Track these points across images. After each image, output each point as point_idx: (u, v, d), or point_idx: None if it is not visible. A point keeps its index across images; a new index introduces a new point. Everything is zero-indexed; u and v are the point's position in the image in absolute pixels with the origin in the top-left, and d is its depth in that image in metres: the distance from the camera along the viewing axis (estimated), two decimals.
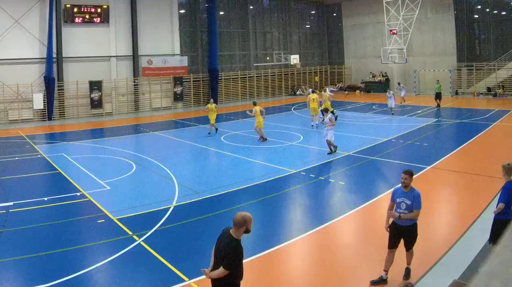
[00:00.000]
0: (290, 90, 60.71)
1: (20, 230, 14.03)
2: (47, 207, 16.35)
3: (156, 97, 48.91)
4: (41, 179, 21.08)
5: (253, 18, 57.80)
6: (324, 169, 21.15)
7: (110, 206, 16.16)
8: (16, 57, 40.38)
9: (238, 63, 56.81)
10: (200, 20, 52.70)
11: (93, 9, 44.25)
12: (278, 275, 11.09)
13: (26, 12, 40.85)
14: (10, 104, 40.58)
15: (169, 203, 16.49)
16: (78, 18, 43.61)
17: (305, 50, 64.08)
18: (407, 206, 10.06)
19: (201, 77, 52.12)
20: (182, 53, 50.84)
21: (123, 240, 13.05)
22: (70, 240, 13.20)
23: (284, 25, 61.61)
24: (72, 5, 43.00)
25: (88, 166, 22.48)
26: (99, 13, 44.61)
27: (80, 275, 10.96)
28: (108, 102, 45.35)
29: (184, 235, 13.67)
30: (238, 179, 19.62)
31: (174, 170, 21.41)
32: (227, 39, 55.90)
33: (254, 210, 15.35)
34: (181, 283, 10.50)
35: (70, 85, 43.49)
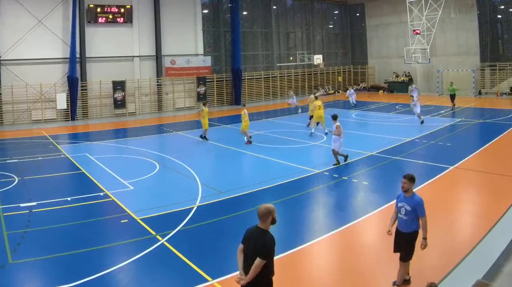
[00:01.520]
0: (314, 90, 57.47)
1: (43, 230, 13.72)
2: (70, 207, 15.98)
3: (179, 97, 47.27)
4: (64, 179, 20.38)
5: (276, 18, 55.82)
6: (347, 169, 20.37)
7: (133, 206, 15.76)
8: (40, 57, 39.02)
9: (261, 63, 54.90)
10: (223, 20, 50.92)
11: (116, 9, 42.73)
12: (301, 275, 10.86)
13: (49, 12, 39.41)
14: (34, 104, 39.21)
15: (193, 203, 16.06)
16: (101, 18, 42.14)
17: (328, 50, 61.92)
18: (406, 211, 9.66)
19: (225, 77, 50.42)
20: (205, 53, 49.21)
21: (146, 240, 12.77)
22: (93, 240, 12.92)
23: (308, 25, 59.56)
24: (95, 5, 41.56)
25: (111, 166, 21.89)
26: (122, 13, 43.07)
27: (103, 275, 10.73)
28: (131, 102, 43.83)
29: (208, 235, 13.33)
30: (261, 179, 18.96)
31: (197, 169, 20.77)
32: (251, 39, 54.03)
33: (277, 210, 14.22)
34: (205, 283, 10.27)
35: (93, 85, 41.99)
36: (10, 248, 12.33)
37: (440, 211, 14.59)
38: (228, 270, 10.63)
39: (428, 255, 10.96)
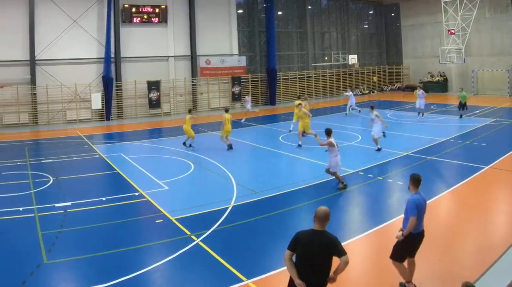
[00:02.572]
0: (348, 90, 55.75)
1: (78, 230, 13.37)
2: (105, 207, 15.57)
3: (214, 97, 45.35)
4: (99, 179, 19.97)
5: (311, 18, 53.16)
6: (382, 169, 19.72)
7: (168, 206, 15.28)
8: (74, 57, 37.50)
9: (296, 63, 52.51)
10: (258, 20, 48.69)
11: (151, 9, 40.98)
12: None
13: (84, 12, 37.85)
14: (68, 104, 37.71)
15: (228, 202, 15.56)
16: (136, 18, 40.45)
17: (363, 50, 59.11)
18: (404, 210, 9.29)
19: (259, 77, 48.19)
20: (240, 53, 47.07)
21: (181, 240, 12.38)
22: (128, 240, 12.55)
23: (342, 25, 56.84)
24: (130, 5, 39.86)
25: (146, 166, 21.23)
26: (157, 13, 41.31)
27: (138, 275, 10.41)
28: (166, 102, 42.02)
29: (243, 235, 12.89)
30: (296, 178, 18.37)
31: (232, 169, 20.10)
32: (285, 39, 51.68)
33: (312, 210, 13.43)
34: (240, 283, 9.87)
35: (128, 85, 40.33)
36: (45, 248, 11.97)
37: (475, 211, 14.38)
38: (263, 270, 10.36)
39: (464, 255, 11.13)
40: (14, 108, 35.83)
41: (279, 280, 9.55)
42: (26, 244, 12.38)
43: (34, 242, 12.45)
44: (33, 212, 15.00)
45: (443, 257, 10.71)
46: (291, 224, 13.32)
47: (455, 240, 12.05)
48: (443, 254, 10.92)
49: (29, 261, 11.21)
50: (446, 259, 10.73)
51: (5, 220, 14.40)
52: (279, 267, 10.15)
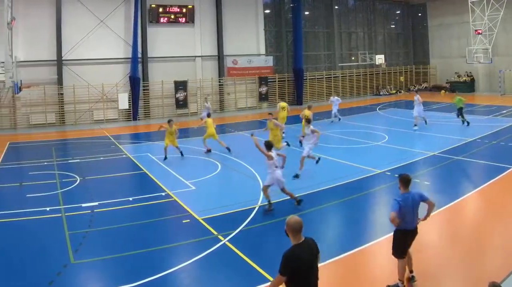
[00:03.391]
0: (375, 90, 53.55)
1: (105, 230, 12.99)
2: (132, 207, 15.06)
3: (241, 97, 43.27)
4: (126, 179, 19.26)
5: (338, 18, 50.68)
6: (409, 169, 18.26)
7: (195, 206, 14.75)
8: (101, 57, 35.89)
9: (323, 63, 50.06)
10: (285, 20, 46.45)
11: (178, 9, 39.17)
12: (362, 275, 10.22)
13: (111, 12, 36.19)
14: (95, 104, 36.09)
15: (254, 203, 14.96)
16: (163, 18, 38.66)
17: (390, 50, 56.30)
18: None
19: (286, 77, 45.89)
20: (267, 53, 44.81)
21: (208, 240, 11.97)
22: (155, 240, 12.12)
23: (369, 25, 54.10)
24: (157, 5, 38.10)
25: (173, 166, 20.53)
26: (184, 13, 39.46)
27: (165, 275, 10.10)
28: (193, 102, 40.07)
29: (269, 235, 12.48)
30: (323, 179, 17.57)
31: (259, 169, 18.72)
32: (312, 39, 49.24)
33: (339, 210, 14.60)
34: (266, 283, 9.34)
35: (155, 85, 38.55)
36: (72, 248, 11.60)
37: (502, 211, 13.86)
38: None
39: (490, 255, 10.81)
40: (41, 108, 34.36)
41: None
42: (53, 244, 11.97)
43: (61, 242, 12.05)
44: (60, 212, 14.46)
45: (469, 257, 10.58)
46: (317, 224, 12.97)
47: (482, 240, 11.60)
48: (469, 254, 10.74)
49: (56, 261, 10.83)
50: (473, 259, 10.49)
51: (33, 220, 13.93)
52: None
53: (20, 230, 13.25)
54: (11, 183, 18.36)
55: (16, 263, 10.92)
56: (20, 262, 10.99)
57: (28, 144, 28.27)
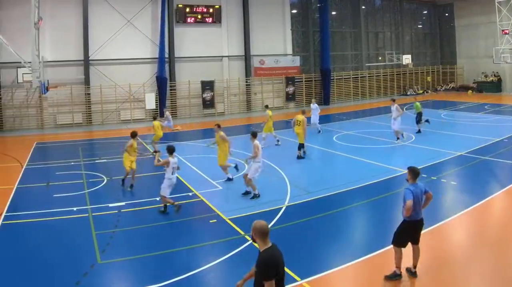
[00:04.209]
0: (402, 90, 50.75)
1: (132, 230, 12.52)
2: (159, 207, 14.16)
3: (268, 97, 40.84)
4: (152, 179, 17.79)
5: (365, 18, 47.93)
6: (436, 169, 17.95)
7: (222, 206, 14.21)
8: (128, 57, 34.09)
9: (350, 63, 47.39)
10: (312, 20, 43.86)
11: (205, 9, 37.12)
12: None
13: (138, 12, 34.31)
14: (122, 104, 34.27)
15: (281, 202, 14.37)
16: (190, 18, 36.66)
17: (417, 50, 53.26)
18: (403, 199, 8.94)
19: (313, 77, 43.37)
20: (294, 53, 42.38)
21: (235, 240, 11.41)
22: (182, 240, 11.61)
23: (396, 25, 51.17)
24: (184, 5, 36.11)
25: (200, 166, 19.49)
26: (211, 13, 37.40)
27: (192, 275, 9.58)
28: (220, 102, 38.04)
29: (296, 235, 11.81)
30: (350, 179, 16.77)
31: (286, 169, 18.41)
32: (339, 39, 46.59)
33: (366, 210, 13.90)
34: (293, 283, 8.94)
35: (182, 85, 36.55)
36: (99, 248, 11.14)
37: None
38: (317, 270, 9.58)
39: None
40: (68, 108, 32.68)
41: (333, 280, 9.32)
42: (81, 244, 11.51)
43: (88, 242, 11.57)
44: (87, 212, 13.85)
45: (496, 256, 10.19)
46: (344, 225, 12.53)
47: (509, 240, 11.10)
48: (496, 254, 10.31)
49: (83, 261, 10.40)
50: (499, 259, 10.11)
51: (60, 220, 13.35)
52: (333, 267, 9.74)
53: (47, 230, 12.65)
54: (38, 183, 17.45)
55: (43, 263, 10.42)
56: (47, 262, 10.51)
57: (55, 144, 27.15)
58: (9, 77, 30.43)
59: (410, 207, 8.56)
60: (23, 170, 19.91)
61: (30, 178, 18.42)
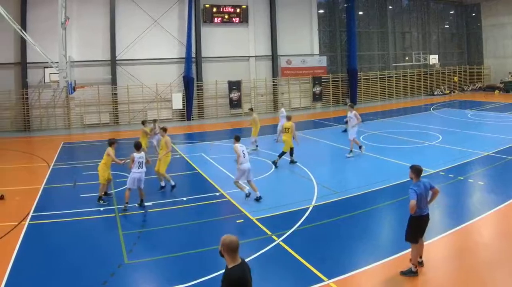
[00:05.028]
0: (429, 90, 47.69)
1: (159, 230, 11.78)
2: (186, 207, 13.65)
3: (295, 97, 38.39)
4: (180, 179, 16.54)
5: (392, 18, 44.91)
6: (463, 169, 17.07)
7: (249, 206, 13.35)
8: (155, 57, 32.04)
9: (377, 63, 44.38)
10: (339, 20, 41.07)
11: (232, 9, 34.83)
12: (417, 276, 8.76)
13: (165, 12, 32.18)
14: (149, 104, 32.15)
15: (308, 202, 13.49)
16: (217, 18, 34.40)
17: (443, 50, 49.82)
18: None
19: (340, 77, 40.60)
20: (321, 53, 39.63)
21: (262, 240, 10.71)
22: (209, 240, 10.62)
23: (423, 25, 47.89)
24: (211, 5, 33.85)
25: (227, 166, 18.23)
26: (238, 13, 35.08)
27: (219, 275, 8.00)
28: (247, 102, 35.37)
29: (323, 235, 11.06)
30: (377, 179, 15.78)
31: (313, 169, 17.36)
32: (366, 39, 43.60)
33: (392, 210, 12.91)
34: (320, 283, 8.52)
35: (209, 85, 34.27)
36: (126, 248, 10.52)
37: None
38: (344, 270, 8.98)
39: None
40: (95, 108, 30.75)
41: (359, 280, 8.79)
42: (107, 244, 10.94)
43: (115, 242, 10.96)
44: (114, 212, 13.15)
45: None
46: (371, 225, 11.81)
47: None
48: None
49: (110, 261, 9.83)
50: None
51: (87, 220, 12.72)
52: (360, 267, 9.14)
53: (74, 230, 11.96)
54: (65, 183, 16.45)
55: (71, 263, 9.86)
56: (74, 262, 9.93)
57: (82, 144, 25.71)
58: (36, 77, 28.72)
59: (414, 207, 8.49)
60: (50, 170, 18.78)
61: (57, 178, 17.39)
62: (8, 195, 14.84)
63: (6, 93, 29.39)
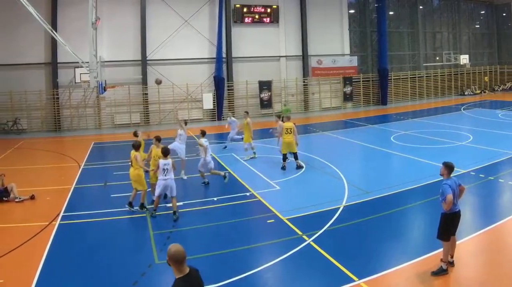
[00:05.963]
0: (459, 90, 43.91)
1: (189, 230, 10.74)
2: (216, 207, 12.44)
3: (325, 97, 35.25)
4: (210, 179, 15.26)
5: (423, 18, 41.17)
6: (494, 169, 15.50)
7: (279, 206, 12.14)
8: (185, 57, 29.49)
9: (408, 63, 40.73)
10: (369, 20, 37.76)
11: (262, 9, 31.97)
12: (447, 275, 8.06)
13: (196, 12, 29.58)
14: (180, 104, 29.62)
15: (339, 202, 12.26)
16: (248, 18, 31.67)
17: (474, 50, 45.79)
18: (440, 193, 8.15)
19: (371, 77, 37.29)
20: (351, 53, 36.40)
21: (292, 240, 9.83)
22: (240, 240, 9.99)
23: (454, 25, 43.96)
24: (241, 5, 31.09)
25: (257, 166, 17.17)
26: (268, 13, 32.20)
27: (250, 275, 8.35)
28: (277, 102, 32.58)
29: (354, 235, 10.15)
30: (407, 178, 14.48)
31: (343, 169, 16.02)
32: (397, 39, 40.07)
33: (423, 210, 11.72)
34: (351, 283, 7.82)
35: (239, 85, 31.56)
36: (156, 248, 9.63)
37: None
38: (375, 269, 8.16)
39: None
40: (125, 108, 28.39)
41: (390, 280, 7.97)
42: (138, 244, 10.19)
43: (145, 242, 10.12)
44: (145, 212, 12.05)
45: None
46: (402, 224, 10.83)
47: None
48: None
49: (140, 261, 8.94)
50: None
51: (117, 220, 11.73)
52: (391, 266, 8.29)
53: (105, 230, 11.11)
54: (96, 183, 15.48)
55: (101, 263, 9.04)
56: (105, 262, 9.12)
57: (112, 144, 23.89)
58: (66, 77, 26.63)
59: (451, 201, 7.89)
60: (81, 170, 17.63)
61: (88, 178, 16.33)
62: (39, 195, 13.75)
63: (37, 94, 27.28)
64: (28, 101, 27.39)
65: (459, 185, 8.34)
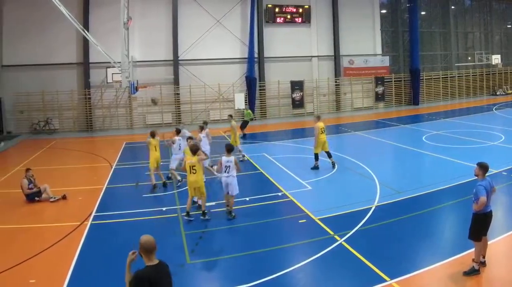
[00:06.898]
0: (491, 90, 40.09)
1: (221, 230, 9.93)
2: (248, 207, 11.41)
3: (357, 97, 32.21)
4: (242, 179, 13.30)
5: (455, 18, 37.52)
6: None
7: (311, 206, 11.15)
8: (217, 57, 26.97)
9: (440, 63, 37.10)
10: (401, 20, 34.33)
11: (294, 9, 29.18)
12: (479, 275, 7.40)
13: (227, 12, 27.06)
14: (212, 104, 27.24)
15: (371, 202, 11.18)
16: (280, 18, 28.94)
17: (506, 50, 41.52)
18: (473, 193, 7.42)
19: (403, 77, 33.91)
20: (383, 53, 33.16)
21: (324, 240, 9.02)
22: (272, 240, 9.19)
23: (486, 25, 39.98)
24: (273, 5, 28.32)
25: (289, 166, 15.68)
26: (300, 13, 29.42)
27: (282, 275, 7.69)
28: (309, 102, 29.87)
29: (386, 235, 9.28)
30: (439, 178, 13.00)
31: (375, 169, 14.52)
32: (429, 39, 36.47)
33: (455, 210, 10.82)
34: (383, 283, 7.18)
35: (271, 85, 28.77)
36: (188, 248, 8.87)
37: None
38: (407, 269, 7.51)
39: None
40: (157, 108, 25.95)
41: (422, 280, 7.29)
42: (170, 244, 8.92)
43: (177, 242, 9.13)
44: (177, 212, 11.09)
45: None
46: (434, 224, 9.71)
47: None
48: None
49: (172, 261, 6.88)
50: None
51: (149, 220, 10.74)
52: (422, 267, 7.58)
53: (136, 229, 9.51)
54: (128, 183, 14.41)
55: (133, 264, 6.44)
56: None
57: (144, 144, 21.25)
58: (98, 78, 24.45)
59: (484, 203, 7.15)
60: (113, 169, 16.56)
61: (119, 178, 15.32)
62: (71, 194, 12.95)
63: (69, 93, 25.19)
64: (60, 101, 25.34)
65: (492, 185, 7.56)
